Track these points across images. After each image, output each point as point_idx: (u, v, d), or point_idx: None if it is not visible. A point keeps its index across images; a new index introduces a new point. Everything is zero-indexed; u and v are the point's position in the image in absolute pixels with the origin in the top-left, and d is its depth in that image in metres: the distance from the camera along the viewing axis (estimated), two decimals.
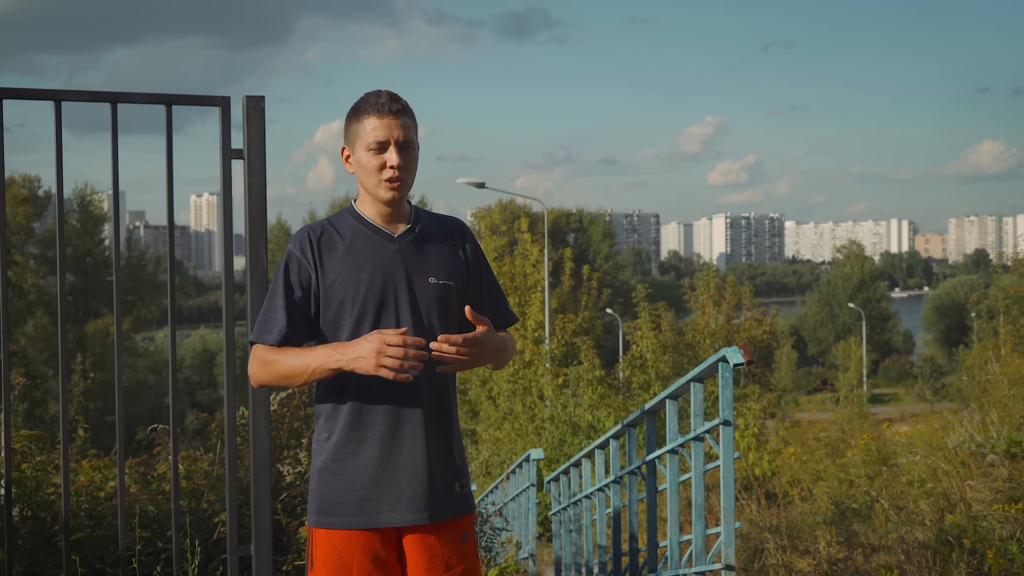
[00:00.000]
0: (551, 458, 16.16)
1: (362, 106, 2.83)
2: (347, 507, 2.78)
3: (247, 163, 3.79)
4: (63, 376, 3.60)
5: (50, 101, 3.70)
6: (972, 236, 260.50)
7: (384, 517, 2.77)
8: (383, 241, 2.85)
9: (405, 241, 2.87)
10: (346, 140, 2.89)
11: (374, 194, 2.85)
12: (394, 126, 2.80)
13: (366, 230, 2.86)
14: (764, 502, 8.30)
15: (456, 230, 2.98)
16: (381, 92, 2.84)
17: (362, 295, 2.79)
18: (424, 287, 2.83)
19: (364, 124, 2.82)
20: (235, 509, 3.78)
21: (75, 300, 43.80)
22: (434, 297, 2.84)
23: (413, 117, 2.87)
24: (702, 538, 4.52)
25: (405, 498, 2.78)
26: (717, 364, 4.27)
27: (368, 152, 2.81)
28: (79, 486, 4.51)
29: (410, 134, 2.84)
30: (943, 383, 40.50)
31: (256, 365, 2.81)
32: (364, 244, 2.84)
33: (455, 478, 2.87)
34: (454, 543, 2.85)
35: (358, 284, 2.80)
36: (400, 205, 2.89)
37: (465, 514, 2.90)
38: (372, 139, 2.80)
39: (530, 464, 8.58)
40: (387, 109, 2.80)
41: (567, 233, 62.15)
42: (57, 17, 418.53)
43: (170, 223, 4.00)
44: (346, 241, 2.84)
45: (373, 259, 2.82)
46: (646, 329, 17.52)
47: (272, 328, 2.81)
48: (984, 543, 5.59)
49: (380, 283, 2.80)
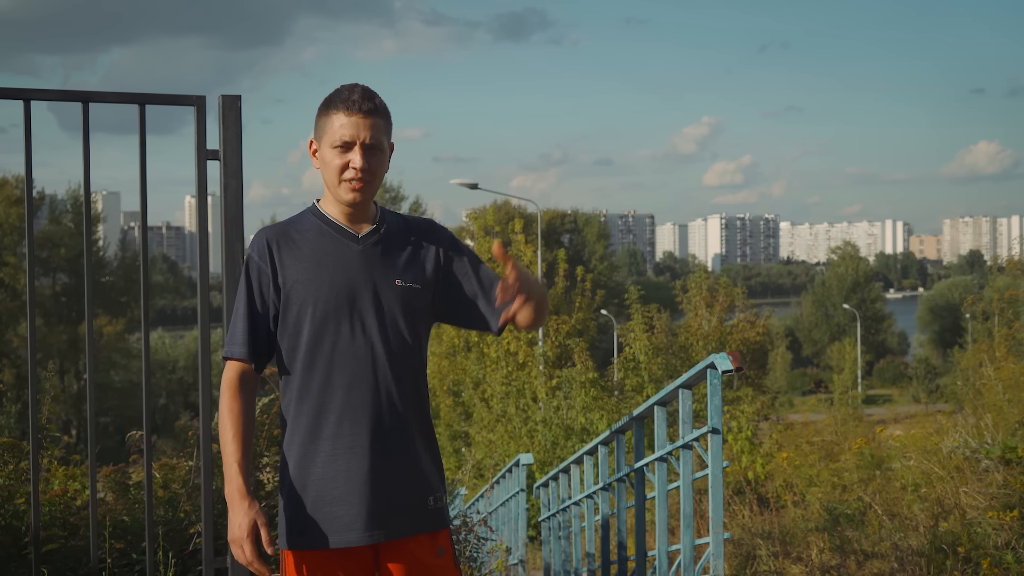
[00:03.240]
0: (544, 460, 16.07)
1: (333, 100, 2.69)
2: (316, 525, 2.64)
3: (223, 164, 3.69)
4: (32, 386, 3.50)
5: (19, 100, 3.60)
6: (967, 237, 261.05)
7: (355, 536, 2.64)
8: (347, 241, 2.73)
9: (370, 242, 2.74)
10: (314, 133, 2.75)
11: (335, 194, 2.72)
12: (362, 126, 2.65)
13: (329, 230, 2.74)
14: (756, 507, 8.22)
15: (425, 231, 2.84)
16: (355, 88, 2.69)
17: (324, 297, 2.67)
18: (389, 290, 2.70)
19: (332, 120, 2.67)
20: (211, 519, 3.68)
21: (69, 301, 43.69)
22: (399, 300, 2.71)
23: (386, 117, 2.72)
24: (691, 548, 4.42)
25: (375, 513, 2.65)
26: (706, 371, 4.18)
27: (333, 150, 2.68)
28: (52, 495, 4.40)
29: (379, 135, 2.68)
30: (937, 384, 40.58)
31: (221, 395, 2.72)
32: (327, 244, 2.72)
33: (429, 491, 2.74)
34: (428, 559, 2.73)
35: (320, 285, 2.68)
36: (364, 206, 2.75)
37: (440, 529, 2.76)
38: (338, 137, 2.66)
39: (520, 469, 8.49)
40: (357, 107, 2.65)
41: (562, 234, 62.07)
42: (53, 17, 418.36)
43: (144, 223, 3.89)
44: (307, 241, 2.72)
45: (336, 260, 2.70)
46: (639, 331, 17.44)
47: (236, 340, 2.72)
48: (979, 551, 5.51)
49: (344, 285, 2.67)
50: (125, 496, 4.66)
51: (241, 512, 2.58)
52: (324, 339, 2.66)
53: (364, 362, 2.66)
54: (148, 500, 3.66)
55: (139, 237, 3.47)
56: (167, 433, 26.49)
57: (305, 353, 2.68)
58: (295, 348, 2.69)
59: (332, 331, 2.66)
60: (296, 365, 2.69)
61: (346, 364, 2.66)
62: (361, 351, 2.66)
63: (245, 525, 2.57)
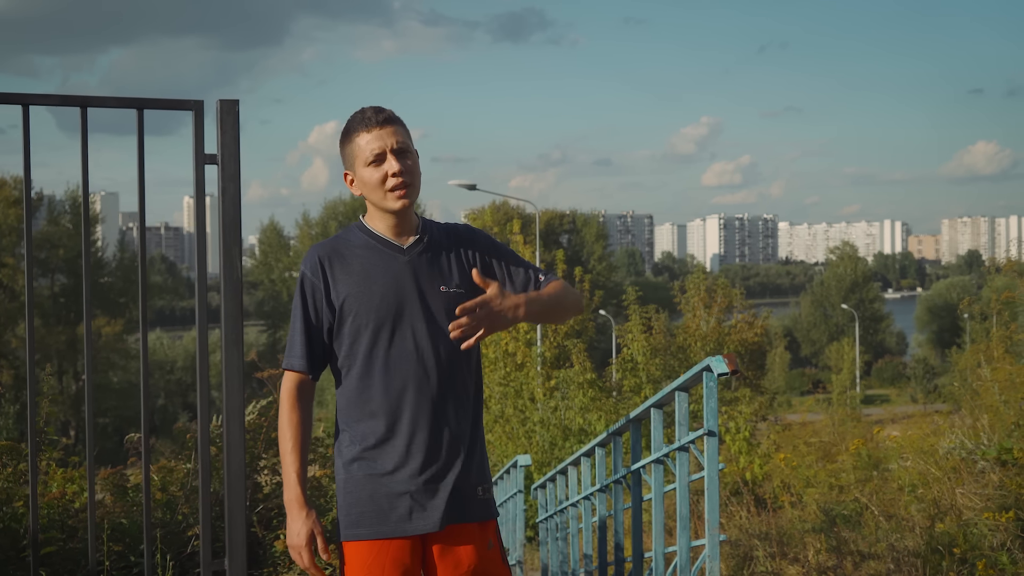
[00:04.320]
0: (542, 461, 16.07)
1: (351, 126, 2.88)
2: (372, 517, 2.80)
3: (221, 168, 3.69)
4: (30, 387, 3.51)
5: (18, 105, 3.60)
6: (965, 237, 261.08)
7: (410, 525, 2.79)
8: (393, 254, 2.89)
9: (415, 252, 2.90)
10: (345, 165, 2.92)
11: (383, 207, 2.87)
12: (385, 135, 2.84)
13: (376, 243, 2.90)
14: (754, 508, 8.23)
15: (464, 237, 3.00)
16: (365, 108, 2.89)
17: (375, 307, 2.83)
18: (436, 296, 2.87)
19: (357, 142, 2.86)
20: (208, 522, 3.69)
21: (67, 302, 43.70)
22: (445, 305, 2.86)
23: (403, 124, 2.89)
24: (687, 550, 4.43)
25: (429, 505, 2.80)
26: (702, 373, 4.19)
27: (368, 168, 2.85)
28: (51, 498, 4.42)
29: (404, 139, 2.86)
30: (936, 384, 40.58)
31: (281, 405, 2.90)
32: (374, 258, 2.88)
33: (478, 482, 2.89)
34: (479, 548, 2.87)
35: (371, 297, 2.84)
36: (408, 215, 2.91)
37: (488, 519, 2.91)
38: (368, 153, 2.84)
39: (518, 470, 8.50)
40: (374, 121, 2.84)
41: (560, 234, 62.09)
42: (52, 18, 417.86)
43: (142, 226, 3.90)
44: (357, 256, 2.89)
45: (384, 272, 2.86)
46: (637, 332, 17.44)
47: (295, 353, 2.89)
48: (974, 552, 5.53)
49: (393, 295, 2.84)
50: (123, 498, 4.68)
51: (300, 521, 2.79)
52: (378, 347, 2.83)
53: (416, 366, 2.83)
54: (146, 503, 3.67)
55: (138, 239, 3.49)
56: (165, 434, 26.49)
57: (361, 361, 2.85)
58: (351, 357, 2.86)
59: (385, 339, 2.83)
60: (353, 373, 2.86)
61: (399, 369, 2.83)
62: (412, 356, 2.83)
63: (304, 533, 2.78)
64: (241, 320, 3.31)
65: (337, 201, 61.74)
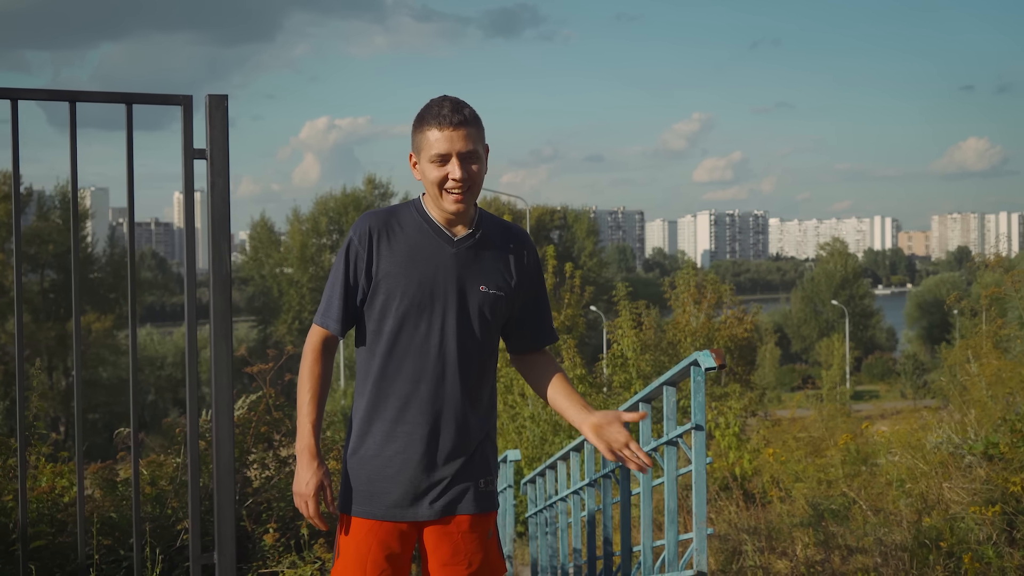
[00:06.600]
0: (532, 456, 16.10)
1: (425, 116, 2.83)
2: (365, 497, 2.83)
3: (210, 163, 3.70)
4: (19, 382, 3.52)
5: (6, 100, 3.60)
6: (955, 233, 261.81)
7: (402, 512, 2.82)
8: (441, 242, 2.87)
9: (464, 246, 2.89)
10: (412, 148, 2.90)
11: (438, 204, 2.87)
12: (455, 138, 2.79)
13: (428, 228, 2.89)
14: (743, 503, 8.26)
15: (518, 239, 2.99)
16: (444, 102, 2.82)
17: (411, 292, 2.83)
18: (474, 294, 2.87)
19: (427, 136, 2.82)
20: (197, 516, 3.70)
21: (57, 297, 43.56)
22: (480, 304, 2.87)
23: (478, 124, 2.84)
24: (675, 544, 4.46)
25: (422, 495, 2.83)
26: (689, 368, 4.22)
27: (431, 164, 2.82)
28: (40, 492, 4.42)
29: (473, 144, 2.82)
30: (925, 380, 40.66)
31: (305, 355, 2.89)
32: (423, 242, 2.87)
33: (481, 474, 2.91)
34: (479, 539, 2.89)
35: (408, 281, 2.83)
36: (465, 212, 2.89)
37: (490, 511, 2.93)
38: (434, 152, 2.81)
39: (507, 465, 8.52)
40: (448, 121, 2.79)
41: (551, 230, 62.13)
42: (43, 12, 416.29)
43: (131, 221, 3.91)
44: (406, 236, 2.87)
45: (428, 258, 2.85)
46: (627, 328, 17.46)
47: (332, 315, 2.88)
48: (961, 546, 5.55)
49: (431, 283, 2.84)
50: (113, 493, 4.68)
51: (310, 471, 2.80)
52: (404, 331, 2.83)
53: (437, 358, 2.84)
54: (135, 497, 3.67)
55: (127, 235, 3.49)
56: (155, 430, 26.45)
57: (387, 341, 2.85)
58: (378, 334, 2.87)
59: (412, 325, 2.83)
60: (377, 350, 2.87)
61: (420, 357, 2.84)
62: (436, 348, 2.84)
63: (313, 483, 2.80)
64: (230, 315, 3.33)
65: (328, 196, 61.63)
